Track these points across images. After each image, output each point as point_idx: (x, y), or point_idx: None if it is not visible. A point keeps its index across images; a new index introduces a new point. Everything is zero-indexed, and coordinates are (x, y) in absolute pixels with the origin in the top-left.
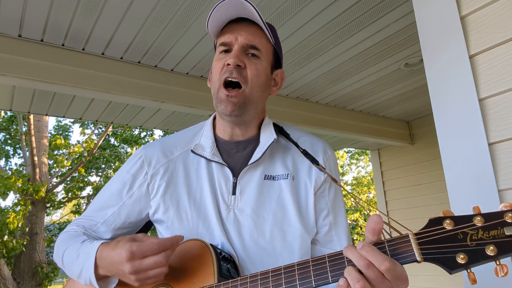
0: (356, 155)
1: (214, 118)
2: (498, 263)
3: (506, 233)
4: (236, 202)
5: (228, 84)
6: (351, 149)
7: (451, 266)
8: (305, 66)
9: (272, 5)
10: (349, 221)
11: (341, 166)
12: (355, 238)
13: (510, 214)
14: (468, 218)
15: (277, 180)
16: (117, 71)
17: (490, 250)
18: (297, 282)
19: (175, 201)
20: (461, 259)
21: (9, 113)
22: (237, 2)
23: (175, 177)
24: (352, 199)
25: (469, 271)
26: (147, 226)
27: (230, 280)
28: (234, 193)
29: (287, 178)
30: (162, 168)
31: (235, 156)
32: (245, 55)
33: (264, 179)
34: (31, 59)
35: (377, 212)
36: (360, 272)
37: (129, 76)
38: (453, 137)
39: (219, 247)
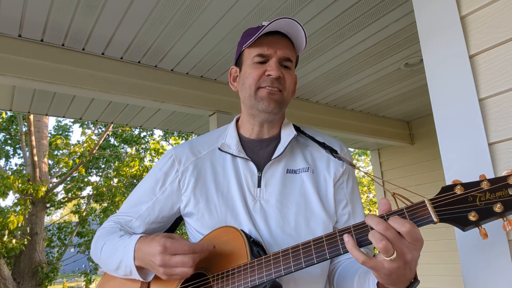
0: (357, 156)
1: (237, 121)
2: (505, 219)
3: (510, 193)
4: (262, 194)
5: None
6: (351, 149)
7: (464, 224)
8: (305, 66)
9: (272, 5)
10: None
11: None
12: None
13: None
14: (476, 184)
15: (299, 173)
16: (117, 71)
17: (498, 208)
18: (326, 252)
19: (204, 194)
20: (472, 216)
21: (9, 113)
22: (290, 23)
23: (203, 173)
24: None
25: (480, 227)
26: (177, 223)
27: (263, 257)
28: (259, 185)
29: (307, 171)
30: (191, 166)
31: (259, 153)
32: (281, 66)
33: (287, 172)
34: (31, 59)
35: (390, 192)
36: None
37: (129, 76)
38: (453, 137)
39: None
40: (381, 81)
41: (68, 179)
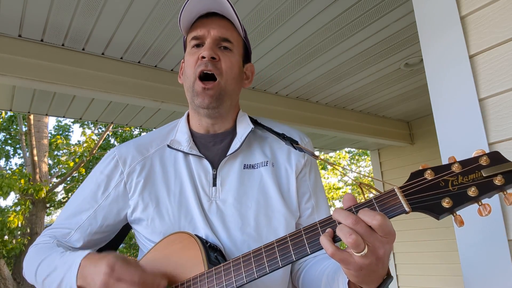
0: (357, 156)
1: (188, 115)
2: (480, 203)
3: (483, 175)
4: (218, 193)
5: (204, 77)
6: (351, 149)
7: (438, 212)
8: (305, 66)
9: (272, 5)
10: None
11: (342, 167)
12: None
13: (484, 157)
14: (446, 167)
15: (257, 168)
16: (117, 71)
17: (472, 192)
18: (291, 253)
19: (154, 197)
20: (446, 203)
21: (9, 113)
22: None
23: (153, 174)
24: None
25: (455, 214)
26: (123, 233)
27: (222, 264)
28: (214, 184)
29: (266, 165)
30: (138, 166)
31: (212, 149)
32: (218, 48)
33: (244, 168)
34: (31, 59)
35: (356, 176)
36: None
37: (129, 76)
38: (453, 137)
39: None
40: (381, 81)
41: (68, 179)
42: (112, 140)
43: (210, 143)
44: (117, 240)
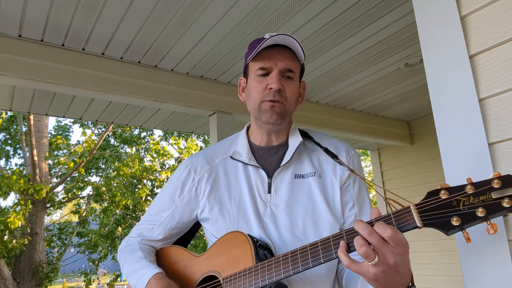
0: None
1: (247, 129)
2: (488, 223)
3: (493, 197)
4: (272, 199)
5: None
6: None
7: (447, 228)
8: (305, 66)
9: (272, 5)
10: None
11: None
12: None
13: (496, 180)
14: (460, 188)
15: (306, 178)
16: (117, 71)
17: (480, 212)
18: (321, 256)
19: (218, 201)
20: (455, 221)
21: (9, 113)
22: (287, 38)
23: (217, 181)
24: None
25: (464, 231)
26: (196, 227)
27: (266, 261)
28: (269, 191)
29: (314, 176)
30: (206, 174)
31: (268, 159)
32: (282, 77)
33: (295, 178)
34: (31, 59)
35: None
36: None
37: (129, 76)
38: (453, 137)
39: (257, 237)
40: (381, 81)
41: (68, 179)
42: (112, 140)
43: (266, 154)
44: (189, 235)
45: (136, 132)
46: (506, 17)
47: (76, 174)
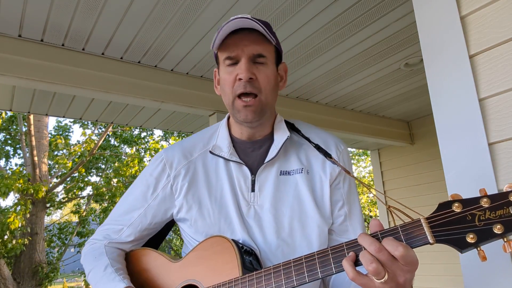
0: (357, 156)
1: (228, 118)
2: (505, 240)
3: (511, 212)
4: (256, 199)
5: (243, 94)
6: (351, 149)
7: (462, 246)
8: (305, 66)
9: (272, 5)
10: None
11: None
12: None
13: None
14: (475, 200)
15: (293, 175)
16: (117, 71)
17: (498, 229)
18: (318, 271)
19: (197, 200)
20: (470, 238)
21: (9, 113)
22: (245, 21)
23: (196, 177)
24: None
25: (478, 249)
26: (168, 226)
27: (255, 272)
28: (253, 190)
29: (301, 173)
30: (183, 169)
31: (251, 155)
32: (253, 64)
33: (280, 174)
34: (31, 59)
35: (386, 200)
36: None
37: (129, 76)
38: (453, 137)
39: (241, 241)
40: (381, 81)
41: (68, 179)
42: (112, 140)
43: (249, 149)
44: (161, 235)
45: (136, 132)
46: (506, 17)
47: (76, 174)
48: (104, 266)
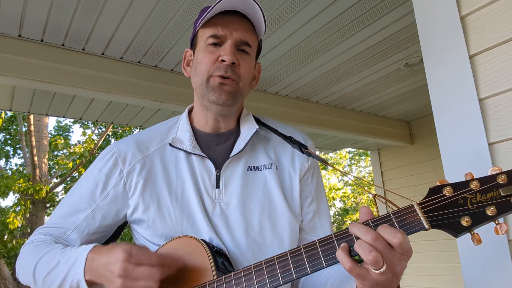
0: (357, 156)
1: (190, 111)
2: (497, 222)
3: (502, 194)
4: (221, 196)
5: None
6: (351, 149)
7: (457, 230)
8: (305, 66)
9: (272, 5)
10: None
11: (343, 167)
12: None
13: (502, 176)
14: (465, 184)
15: (261, 170)
16: (117, 71)
17: (491, 211)
18: (306, 266)
19: (156, 198)
20: (465, 222)
21: (9, 113)
22: (246, 1)
23: (153, 173)
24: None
25: (472, 233)
26: (118, 231)
27: (232, 273)
28: (218, 186)
29: (270, 168)
30: (138, 165)
31: (216, 148)
32: (237, 51)
33: (248, 170)
34: (31, 59)
35: (370, 187)
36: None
37: (129, 76)
38: (453, 137)
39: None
40: (381, 81)
41: (68, 179)
42: (112, 140)
43: (213, 143)
44: (112, 238)
45: (136, 132)
46: (506, 17)
47: (76, 174)
48: (59, 248)
